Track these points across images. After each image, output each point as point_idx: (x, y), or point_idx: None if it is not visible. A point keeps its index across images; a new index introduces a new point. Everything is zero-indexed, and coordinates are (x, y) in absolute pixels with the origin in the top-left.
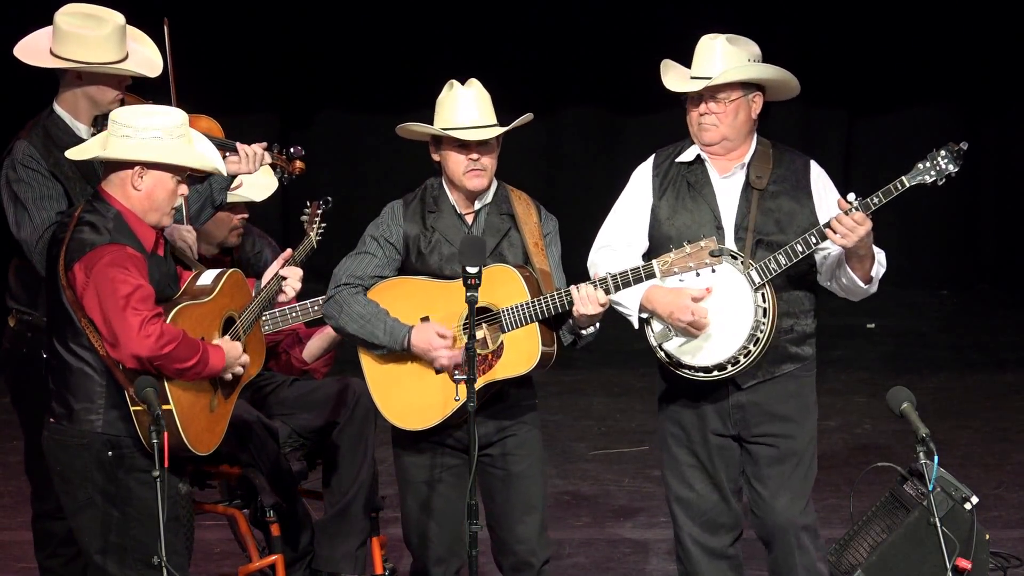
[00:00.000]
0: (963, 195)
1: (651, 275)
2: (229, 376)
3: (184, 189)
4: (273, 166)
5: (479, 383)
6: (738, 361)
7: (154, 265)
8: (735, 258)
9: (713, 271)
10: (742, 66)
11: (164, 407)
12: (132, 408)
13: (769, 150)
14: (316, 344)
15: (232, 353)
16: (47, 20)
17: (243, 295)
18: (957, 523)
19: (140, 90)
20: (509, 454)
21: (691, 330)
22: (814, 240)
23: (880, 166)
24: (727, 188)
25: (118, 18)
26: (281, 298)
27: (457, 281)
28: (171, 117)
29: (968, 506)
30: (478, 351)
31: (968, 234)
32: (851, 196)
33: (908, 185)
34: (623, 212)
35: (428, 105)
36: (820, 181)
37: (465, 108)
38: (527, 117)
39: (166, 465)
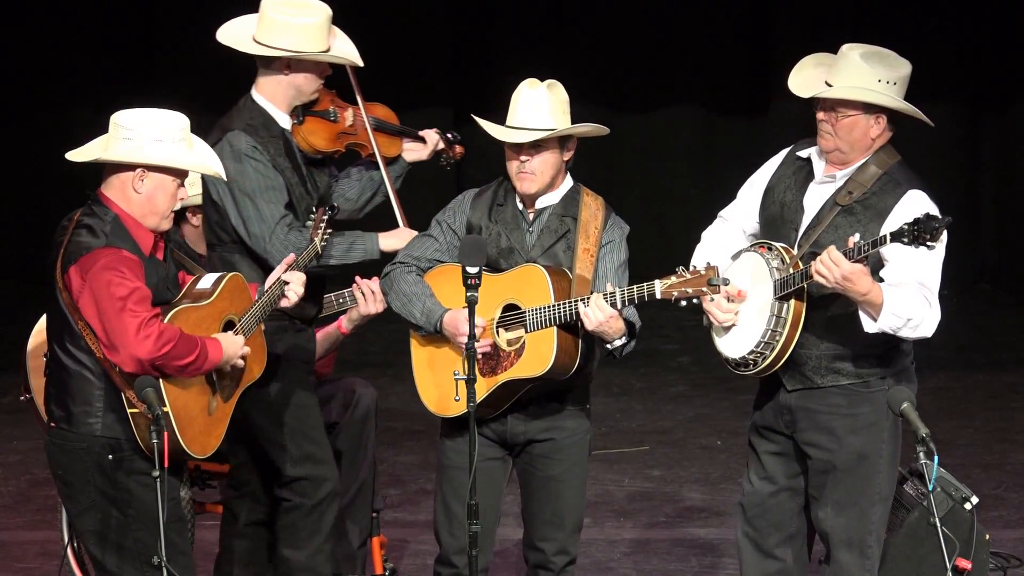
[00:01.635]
0: (963, 195)
1: (652, 294)
2: (229, 367)
3: (184, 192)
4: (439, 152)
5: (497, 380)
6: (756, 363)
7: (152, 269)
8: (783, 262)
9: (711, 299)
10: (853, 88)
11: (161, 409)
12: (129, 411)
13: (881, 170)
14: (318, 345)
15: (231, 346)
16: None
17: (243, 299)
18: (957, 523)
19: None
20: (543, 456)
21: (712, 319)
22: (801, 274)
23: None
24: (817, 193)
25: (326, 8)
26: (283, 303)
27: (504, 274)
28: (173, 120)
29: (968, 506)
30: (505, 347)
31: (968, 234)
32: (855, 237)
33: (889, 243)
34: (745, 189)
35: (429, 104)
36: (901, 215)
37: (522, 109)
38: (594, 128)
39: (166, 465)
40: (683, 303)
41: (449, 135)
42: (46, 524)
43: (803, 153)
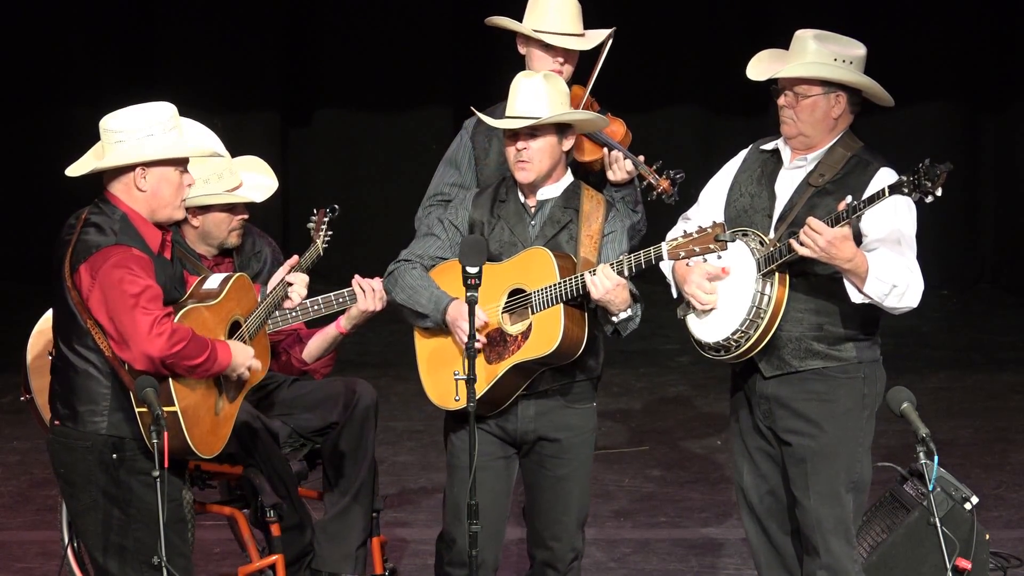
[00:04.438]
0: (963, 195)
1: (659, 256)
2: (235, 376)
3: (190, 178)
4: (644, 180)
5: (505, 364)
6: (739, 344)
7: (160, 267)
8: (762, 244)
9: (719, 257)
10: (809, 63)
11: (169, 409)
12: (137, 410)
13: (849, 153)
14: (316, 344)
15: (241, 354)
16: None
17: (249, 300)
18: (957, 523)
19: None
20: (552, 457)
21: (694, 303)
22: (786, 247)
23: None
24: (788, 178)
25: None
26: (286, 304)
27: (508, 261)
28: (160, 112)
29: (968, 506)
30: (510, 332)
31: (968, 234)
32: (848, 199)
33: (888, 196)
34: (708, 188)
35: (428, 104)
36: (876, 189)
37: (519, 98)
38: (582, 115)
39: (166, 465)
40: (687, 262)
41: (669, 172)
42: (46, 524)
43: (767, 146)
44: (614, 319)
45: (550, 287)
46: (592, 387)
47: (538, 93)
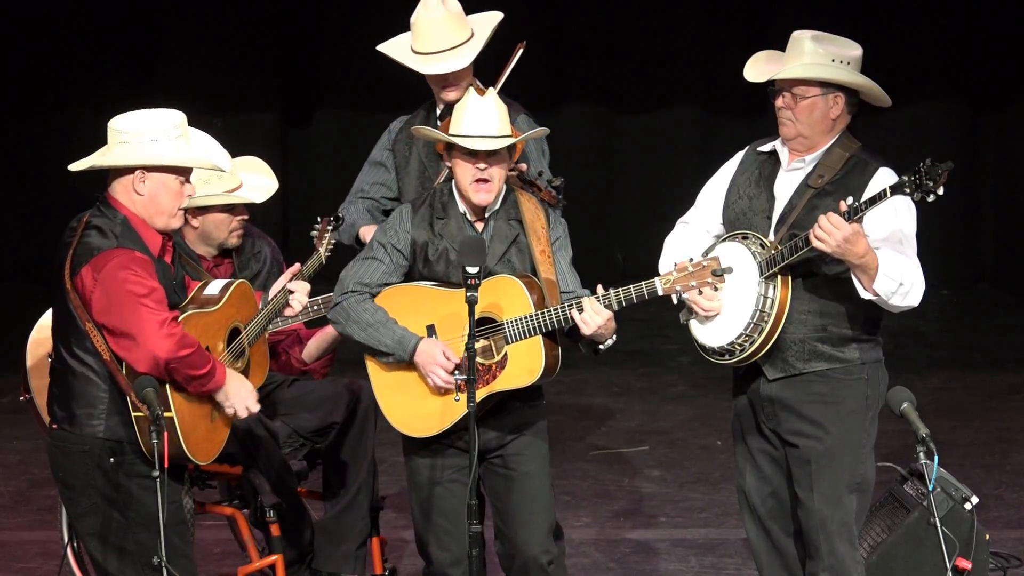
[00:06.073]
0: (963, 195)
1: (653, 292)
2: (231, 411)
3: (191, 189)
4: (535, 186)
5: (482, 393)
6: (744, 348)
7: (160, 271)
8: (763, 247)
9: (716, 289)
10: (807, 64)
11: (165, 414)
12: (133, 414)
13: (847, 153)
14: (315, 345)
15: (238, 383)
16: None
17: (249, 306)
18: (957, 523)
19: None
20: (516, 455)
21: (697, 309)
22: (802, 242)
23: None
24: (787, 180)
25: (452, 5)
26: (287, 312)
27: (462, 289)
28: (167, 118)
29: (968, 506)
30: (483, 361)
31: (968, 234)
32: (848, 199)
33: (890, 196)
34: (706, 192)
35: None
36: (874, 191)
37: (476, 116)
38: (541, 131)
39: (166, 466)
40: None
41: (553, 181)
42: (46, 524)
43: (764, 148)
44: (600, 347)
45: (527, 318)
46: (539, 388)
47: (491, 111)
